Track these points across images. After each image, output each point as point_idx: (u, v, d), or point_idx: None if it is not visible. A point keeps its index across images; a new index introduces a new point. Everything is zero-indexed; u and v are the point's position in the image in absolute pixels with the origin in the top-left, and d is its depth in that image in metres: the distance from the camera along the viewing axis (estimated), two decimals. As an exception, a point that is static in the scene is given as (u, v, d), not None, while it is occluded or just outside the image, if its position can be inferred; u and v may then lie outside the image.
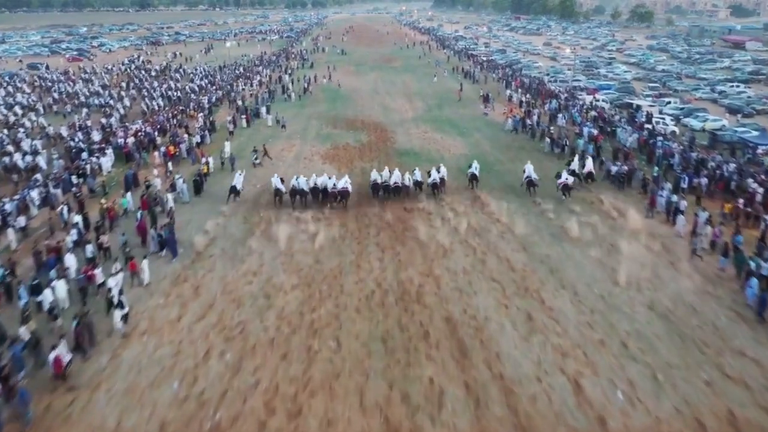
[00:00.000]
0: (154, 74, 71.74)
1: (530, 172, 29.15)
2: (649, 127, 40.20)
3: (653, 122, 41.21)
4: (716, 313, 17.83)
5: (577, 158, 31.87)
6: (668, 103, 49.70)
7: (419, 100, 56.37)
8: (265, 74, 70.56)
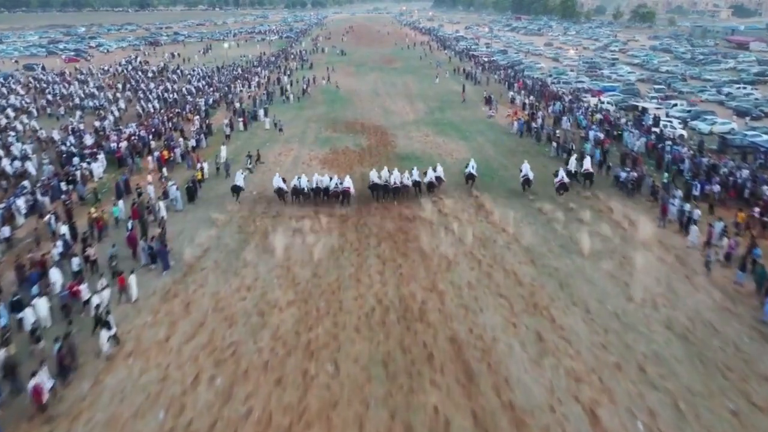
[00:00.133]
0: (151, 75, 70.68)
1: (527, 171, 29.29)
2: (656, 130, 39.16)
3: (661, 126, 40.15)
4: (738, 332, 16.79)
5: (574, 158, 31.66)
6: (674, 105, 48.64)
7: (420, 102, 55.34)
8: (263, 75, 69.49)
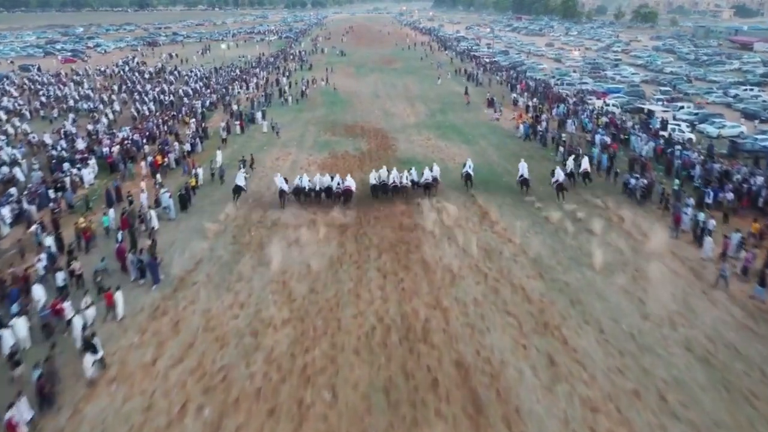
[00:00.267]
0: (147, 76, 69.61)
1: (523, 170, 29.18)
2: (664, 134, 38.11)
3: (669, 129, 39.07)
4: (762, 355, 15.75)
5: (572, 158, 31.31)
6: (681, 107, 47.58)
7: (421, 104, 54.29)
8: (262, 77, 68.42)
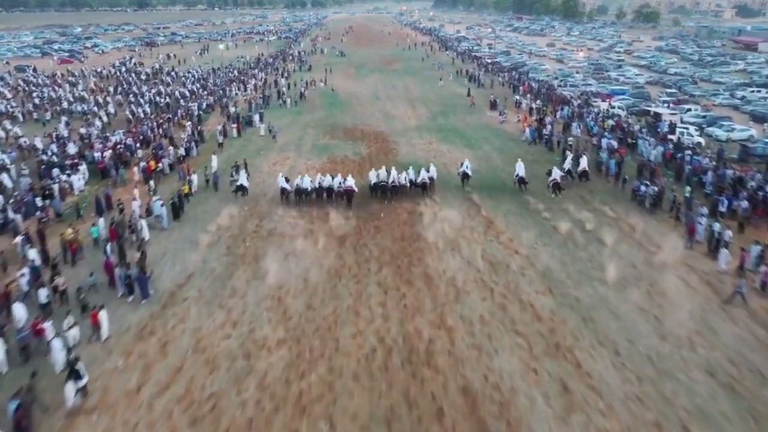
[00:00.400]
0: (144, 78, 68.55)
1: (520, 170, 29.37)
2: (672, 138, 37.04)
3: (677, 133, 37.99)
4: (790, 381, 14.73)
5: (570, 157, 31.10)
6: (688, 110, 46.51)
7: (422, 106, 53.24)
8: (260, 77, 67.36)
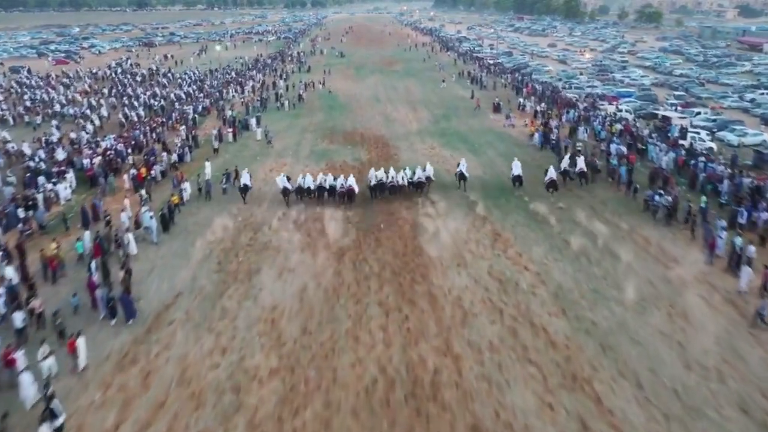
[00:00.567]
0: (140, 79, 67.19)
1: (517, 169, 29.44)
2: (684, 143, 35.69)
3: (689, 138, 36.61)
4: (832, 419, 13.41)
5: (567, 156, 30.83)
6: (698, 113, 45.13)
7: (424, 108, 51.90)
8: (258, 79, 66.03)
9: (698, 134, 37.70)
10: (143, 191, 27.87)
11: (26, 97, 55.56)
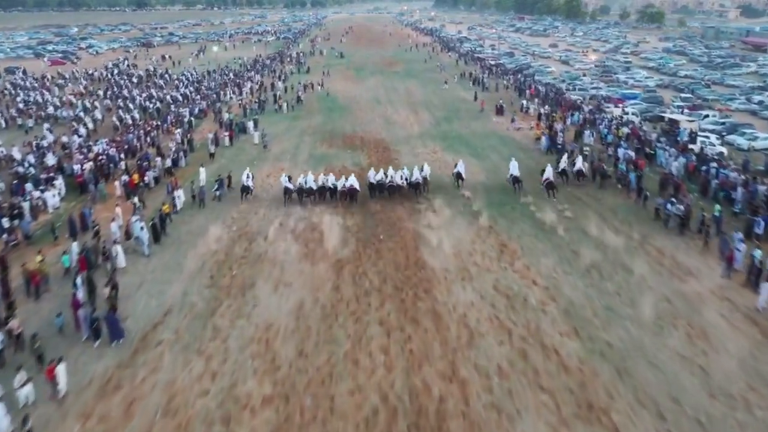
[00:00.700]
0: (136, 80, 66.10)
1: (514, 169, 29.20)
2: (694, 148, 34.64)
3: (699, 143, 35.54)
4: None
5: (566, 156, 31.19)
6: (706, 116, 44.07)
7: (425, 111, 50.83)
8: (257, 80, 64.96)
9: (708, 138, 36.68)
10: (136, 199, 26.81)
11: (19, 99, 54.46)
